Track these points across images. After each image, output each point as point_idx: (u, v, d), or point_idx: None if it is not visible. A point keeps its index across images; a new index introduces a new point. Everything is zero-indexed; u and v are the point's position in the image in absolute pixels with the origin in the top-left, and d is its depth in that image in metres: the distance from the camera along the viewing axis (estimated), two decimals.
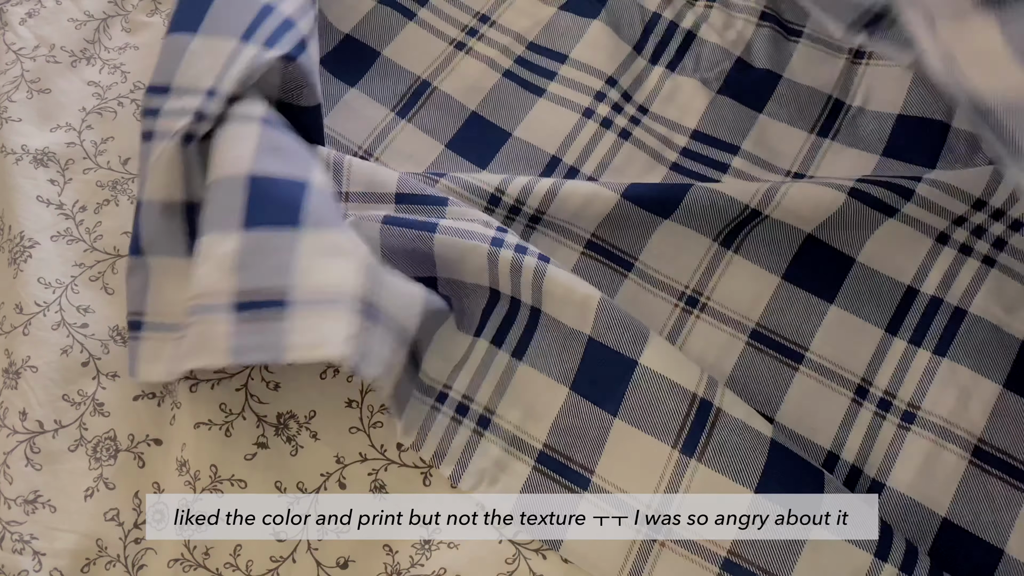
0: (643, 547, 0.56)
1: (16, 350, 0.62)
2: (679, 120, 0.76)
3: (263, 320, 0.53)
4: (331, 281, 0.54)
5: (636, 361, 0.58)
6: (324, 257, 0.54)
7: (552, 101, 0.76)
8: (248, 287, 0.53)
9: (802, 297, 0.67)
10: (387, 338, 0.54)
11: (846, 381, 0.65)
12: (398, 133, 0.74)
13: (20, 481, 0.59)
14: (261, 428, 0.60)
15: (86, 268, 0.66)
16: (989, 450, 0.62)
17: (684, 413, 0.57)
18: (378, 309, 0.54)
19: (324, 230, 0.55)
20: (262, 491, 0.58)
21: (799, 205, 0.66)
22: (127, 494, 0.60)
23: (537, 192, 0.66)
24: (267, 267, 0.54)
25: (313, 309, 0.53)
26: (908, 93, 0.75)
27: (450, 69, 0.77)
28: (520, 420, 0.60)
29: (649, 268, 0.68)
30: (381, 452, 0.60)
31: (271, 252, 0.54)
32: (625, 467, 0.58)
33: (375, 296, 0.54)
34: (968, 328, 0.66)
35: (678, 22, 0.80)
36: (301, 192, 0.56)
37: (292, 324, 0.52)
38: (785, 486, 0.55)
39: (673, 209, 0.67)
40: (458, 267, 0.61)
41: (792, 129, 0.75)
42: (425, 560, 0.57)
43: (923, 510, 0.61)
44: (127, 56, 0.76)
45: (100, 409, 0.61)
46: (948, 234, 0.68)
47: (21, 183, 0.68)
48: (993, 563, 0.59)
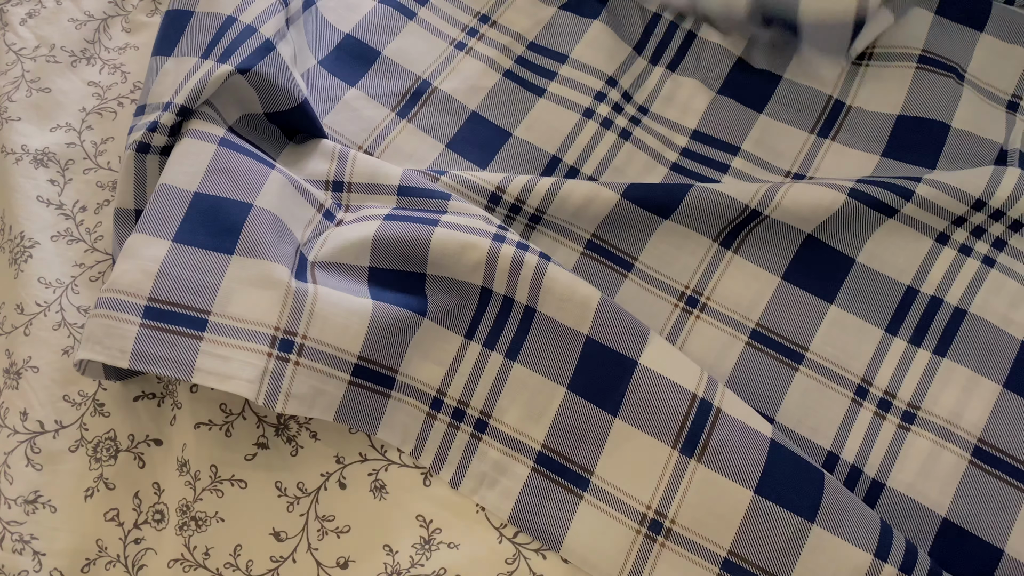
0: (643, 547, 0.56)
1: (17, 350, 0.62)
2: (679, 120, 0.76)
3: (175, 334, 0.55)
4: (249, 312, 0.56)
5: (636, 361, 0.58)
6: (247, 286, 0.57)
7: (552, 101, 0.76)
8: (165, 296, 0.55)
9: (802, 297, 0.67)
10: (312, 368, 0.56)
11: (846, 381, 0.65)
12: (398, 133, 0.74)
13: (20, 481, 0.59)
14: (261, 428, 0.60)
15: (86, 268, 0.66)
16: (989, 450, 0.62)
17: (684, 413, 0.57)
18: (302, 340, 0.56)
19: (254, 259, 0.57)
20: (262, 491, 0.58)
21: (799, 205, 0.66)
22: (127, 494, 0.60)
23: (538, 191, 0.66)
24: (189, 282, 0.56)
25: (228, 337, 0.55)
26: (908, 94, 0.75)
27: (450, 69, 0.77)
28: (518, 422, 0.60)
29: (649, 268, 0.68)
30: (381, 452, 0.60)
31: (197, 269, 0.56)
32: (625, 467, 0.58)
33: (298, 327, 0.56)
34: (968, 328, 0.66)
35: (678, 23, 0.80)
36: (241, 217, 0.58)
37: (204, 346, 0.54)
38: (785, 486, 0.55)
39: (673, 209, 0.67)
40: (452, 264, 0.61)
41: (792, 129, 0.75)
42: (425, 560, 0.57)
43: (923, 510, 0.61)
44: (127, 56, 0.76)
45: (100, 409, 0.61)
46: (948, 234, 0.68)
47: (21, 183, 0.68)
48: (993, 563, 0.59)
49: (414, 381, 0.61)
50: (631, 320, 0.59)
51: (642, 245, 0.68)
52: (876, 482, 0.62)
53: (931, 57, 0.76)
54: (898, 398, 0.64)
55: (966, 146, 0.73)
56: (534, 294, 0.60)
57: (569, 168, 0.73)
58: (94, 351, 0.54)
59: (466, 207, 0.64)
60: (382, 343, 0.59)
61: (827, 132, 0.75)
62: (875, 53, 0.77)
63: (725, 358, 0.65)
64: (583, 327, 0.59)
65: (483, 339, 0.62)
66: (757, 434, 0.57)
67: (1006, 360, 0.65)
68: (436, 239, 0.61)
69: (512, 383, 0.61)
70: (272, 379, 0.55)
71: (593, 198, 0.66)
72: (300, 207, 0.63)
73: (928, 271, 0.68)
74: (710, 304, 0.67)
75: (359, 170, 0.66)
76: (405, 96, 0.76)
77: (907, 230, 0.68)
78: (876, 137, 0.74)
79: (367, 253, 0.62)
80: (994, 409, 0.63)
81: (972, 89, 0.75)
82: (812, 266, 0.68)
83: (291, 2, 0.71)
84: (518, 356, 0.61)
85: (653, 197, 0.67)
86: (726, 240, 0.68)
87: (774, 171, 0.74)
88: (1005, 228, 0.68)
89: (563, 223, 0.68)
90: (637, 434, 0.58)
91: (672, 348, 0.60)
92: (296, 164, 0.67)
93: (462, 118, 0.75)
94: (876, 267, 0.68)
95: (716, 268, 0.68)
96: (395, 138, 0.74)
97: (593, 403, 0.59)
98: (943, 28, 0.77)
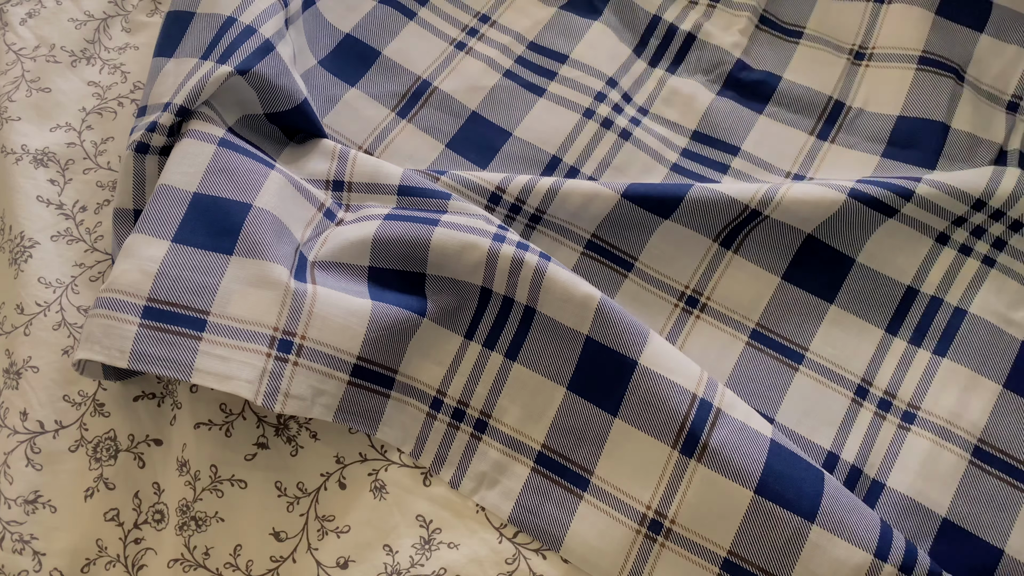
0: (643, 547, 0.56)
1: (17, 350, 0.62)
2: (679, 121, 0.76)
3: (174, 334, 0.55)
4: (248, 313, 0.56)
5: (636, 361, 0.58)
6: (246, 286, 0.57)
7: (552, 101, 0.76)
8: (164, 296, 0.55)
9: (802, 297, 0.67)
10: (311, 368, 0.56)
11: (846, 381, 0.65)
12: (398, 133, 0.74)
13: (20, 481, 0.59)
14: (261, 428, 0.60)
15: (86, 268, 0.66)
16: (989, 450, 0.62)
17: (684, 413, 0.57)
18: (301, 340, 0.56)
19: (253, 259, 0.57)
20: (262, 491, 0.58)
21: (799, 205, 0.66)
22: (127, 494, 0.60)
23: (538, 191, 0.66)
24: (188, 283, 0.56)
25: (226, 337, 0.55)
26: (908, 94, 0.75)
27: (450, 69, 0.77)
28: (518, 422, 0.60)
29: (649, 268, 0.68)
30: (381, 452, 0.60)
31: (196, 269, 0.56)
32: (625, 467, 0.58)
33: (297, 327, 0.56)
34: (968, 328, 0.66)
35: (678, 24, 0.80)
36: (241, 217, 0.58)
37: (203, 346, 0.54)
38: (785, 486, 0.55)
39: (673, 209, 0.67)
40: (453, 263, 0.61)
41: (792, 130, 0.75)
42: (425, 560, 0.57)
43: (923, 510, 0.61)
44: (127, 56, 0.76)
45: (100, 409, 0.61)
46: (948, 234, 0.68)
47: (21, 183, 0.68)
48: (993, 563, 0.59)
49: (414, 381, 0.61)
50: (631, 320, 0.59)
51: (642, 245, 0.68)
52: (876, 482, 0.62)
53: (931, 58, 0.76)
54: (898, 398, 0.64)
55: (966, 147, 0.73)
56: (534, 294, 0.60)
57: (569, 168, 0.73)
58: (93, 351, 0.54)
59: (466, 207, 0.64)
60: (381, 343, 0.59)
61: (827, 133, 0.75)
62: (875, 54, 0.77)
63: (725, 358, 0.65)
64: (583, 327, 0.59)
65: (483, 339, 0.62)
66: (757, 434, 0.57)
67: (1006, 360, 0.65)
68: (436, 239, 0.61)
69: (512, 383, 0.61)
70: (271, 379, 0.55)
71: (593, 198, 0.66)
72: (300, 207, 0.63)
73: (928, 271, 0.68)
74: (710, 304, 0.67)
75: (359, 170, 0.66)
76: (405, 96, 0.76)
77: (907, 230, 0.68)
78: (876, 138, 0.74)
79: (367, 253, 0.62)
80: (994, 409, 0.63)
81: (972, 90, 0.75)
82: (812, 266, 0.68)
83: (291, 2, 0.71)
84: (518, 356, 0.61)
85: (653, 197, 0.67)
86: (726, 240, 0.68)
87: (774, 172, 0.74)
88: (1005, 228, 0.68)
89: (563, 223, 0.68)
90: (637, 434, 0.58)
91: (672, 348, 0.60)
92: (296, 164, 0.67)
93: (462, 118, 0.75)
94: (876, 267, 0.68)
95: (716, 268, 0.68)
96: (395, 138, 0.74)
97: (593, 403, 0.59)
98: (943, 28, 0.77)
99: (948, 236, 0.68)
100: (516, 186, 0.67)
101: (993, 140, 0.73)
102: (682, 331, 0.66)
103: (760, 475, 0.55)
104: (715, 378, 0.60)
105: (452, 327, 0.62)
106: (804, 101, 0.77)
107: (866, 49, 0.78)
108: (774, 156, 0.74)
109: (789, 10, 0.81)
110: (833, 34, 0.79)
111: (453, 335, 0.62)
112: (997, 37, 0.76)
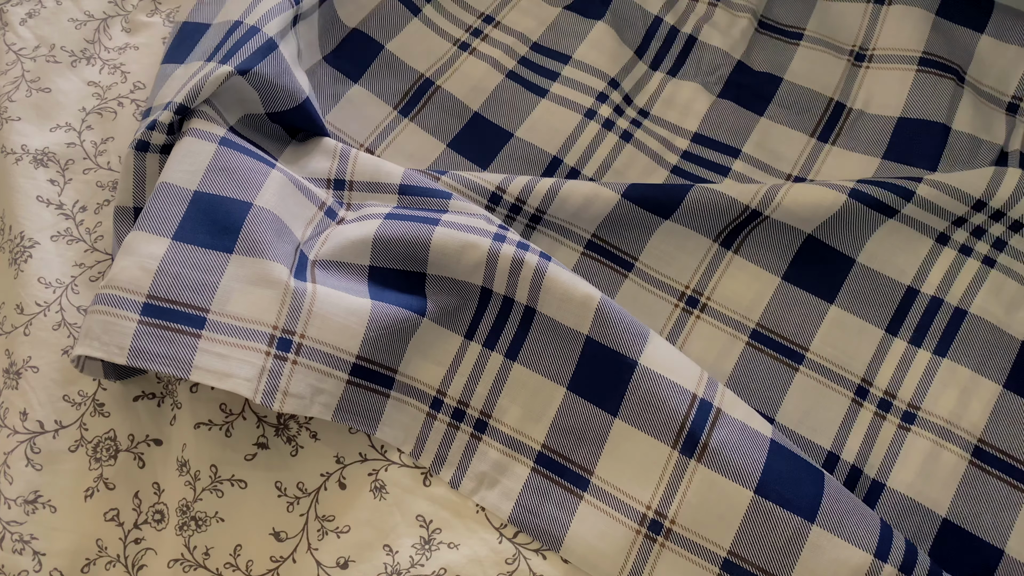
0: (643, 547, 0.56)
1: (17, 350, 0.62)
2: (680, 123, 0.76)
3: (173, 331, 0.55)
4: (248, 311, 0.56)
5: (636, 361, 0.58)
6: (246, 285, 0.57)
7: (554, 102, 0.76)
8: (164, 294, 0.55)
9: (802, 297, 0.67)
10: (310, 367, 0.56)
11: (846, 381, 0.65)
12: (400, 132, 0.74)
13: (20, 481, 0.59)
14: (261, 428, 0.60)
15: (86, 268, 0.66)
16: (989, 450, 0.62)
17: (684, 413, 0.57)
18: (300, 339, 0.56)
19: (254, 258, 0.57)
20: (262, 491, 0.58)
21: (799, 206, 0.66)
22: (127, 494, 0.60)
23: (538, 191, 0.66)
24: (188, 280, 0.56)
25: (226, 335, 0.55)
26: (908, 96, 0.75)
27: (453, 69, 0.77)
28: (518, 422, 0.60)
29: (649, 268, 0.68)
30: (381, 452, 0.60)
31: (196, 267, 0.56)
32: (625, 467, 0.58)
33: (297, 326, 0.56)
34: (968, 328, 0.66)
35: (679, 27, 0.80)
36: (241, 216, 0.58)
37: (203, 344, 0.54)
38: (785, 486, 0.55)
39: (673, 209, 0.67)
40: (453, 263, 0.61)
41: (793, 132, 0.76)
42: (425, 560, 0.57)
43: (923, 510, 0.61)
44: (127, 56, 0.76)
45: (100, 409, 0.61)
46: (948, 235, 0.68)
47: (21, 183, 0.68)
48: (993, 563, 0.59)
49: (414, 381, 0.61)
50: (631, 320, 0.59)
51: (642, 245, 0.68)
52: (876, 482, 0.62)
53: (931, 59, 0.76)
54: (898, 398, 0.64)
55: (967, 148, 0.73)
56: (534, 294, 0.60)
57: (570, 169, 0.73)
58: (92, 347, 0.54)
59: (467, 207, 0.64)
60: (381, 343, 0.59)
61: (828, 135, 0.75)
62: (875, 55, 0.78)
63: (725, 358, 0.65)
64: (583, 327, 0.59)
65: (483, 339, 0.62)
66: (757, 434, 0.57)
67: (1006, 360, 0.65)
68: (436, 239, 0.61)
69: (512, 383, 0.61)
70: (270, 378, 0.55)
71: (593, 198, 0.66)
72: (301, 206, 0.63)
73: (928, 271, 0.68)
74: (710, 304, 0.67)
75: (360, 169, 0.67)
76: (408, 94, 0.76)
77: (907, 230, 0.68)
78: (877, 140, 0.74)
79: (367, 252, 0.62)
80: (994, 409, 0.63)
81: (972, 91, 0.75)
82: (812, 266, 0.68)
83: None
84: (518, 356, 0.61)
85: (653, 197, 0.67)
86: (726, 240, 0.68)
87: (775, 174, 0.74)
88: (1005, 228, 0.69)
89: (563, 223, 0.68)
90: (637, 434, 0.58)
91: (672, 348, 0.60)
92: (298, 162, 0.67)
93: (464, 118, 0.75)
94: (876, 267, 0.68)
95: (716, 268, 0.68)
96: (396, 137, 0.74)
97: (593, 403, 0.59)
98: (943, 29, 0.77)
99: (948, 236, 0.68)
100: (516, 186, 0.67)
101: (994, 141, 0.73)
102: (682, 331, 0.66)
103: (760, 475, 0.55)
104: (715, 378, 0.60)
105: (452, 327, 0.62)
106: (805, 103, 0.77)
107: (866, 50, 0.78)
108: (775, 158, 0.74)
109: (789, 12, 0.81)
110: (833, 35, 0.79)
111: (453, 335, 0.62)
112: (998, 38, 0.77)
